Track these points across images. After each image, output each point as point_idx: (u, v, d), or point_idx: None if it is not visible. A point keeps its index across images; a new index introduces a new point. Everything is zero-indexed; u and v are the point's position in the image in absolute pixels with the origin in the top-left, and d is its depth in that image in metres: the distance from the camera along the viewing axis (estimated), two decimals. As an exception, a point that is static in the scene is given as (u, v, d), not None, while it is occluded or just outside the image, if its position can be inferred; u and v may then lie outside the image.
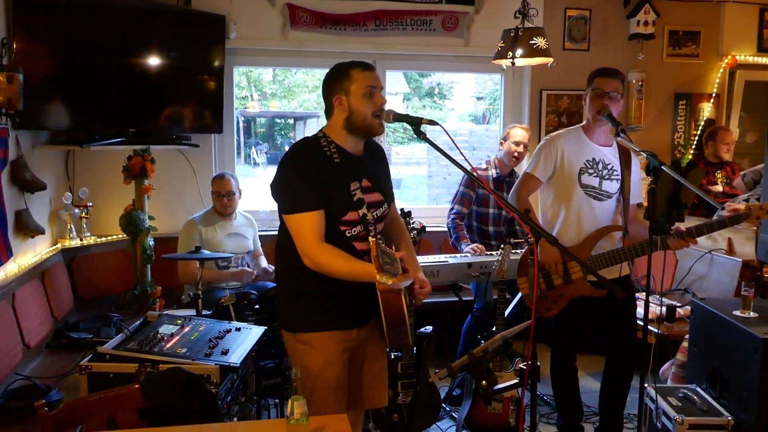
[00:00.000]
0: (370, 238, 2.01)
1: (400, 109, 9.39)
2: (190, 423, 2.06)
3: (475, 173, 2.17)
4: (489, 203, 4.30)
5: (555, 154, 3.21)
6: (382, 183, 2.48)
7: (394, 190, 2.59)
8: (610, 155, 3.22)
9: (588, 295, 3.14)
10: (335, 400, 2.35)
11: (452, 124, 9.74)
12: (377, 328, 2.40)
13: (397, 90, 9.90)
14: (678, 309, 3.89)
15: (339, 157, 2.31)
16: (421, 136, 2.24)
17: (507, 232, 4.37)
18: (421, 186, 9.54)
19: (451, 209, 4.35)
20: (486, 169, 4.36)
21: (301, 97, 10.34)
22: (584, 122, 3.29)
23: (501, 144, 4.37)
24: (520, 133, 4.25)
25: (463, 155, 2.25)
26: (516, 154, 4.26)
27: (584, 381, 3.99)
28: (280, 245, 2.41)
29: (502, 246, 3.57)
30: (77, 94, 3.91)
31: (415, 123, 2.25)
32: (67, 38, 3.82)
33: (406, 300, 2.31)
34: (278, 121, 11.46)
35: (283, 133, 11.28)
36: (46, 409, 1.90)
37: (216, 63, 4.56)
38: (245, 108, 9.98)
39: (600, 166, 3.18)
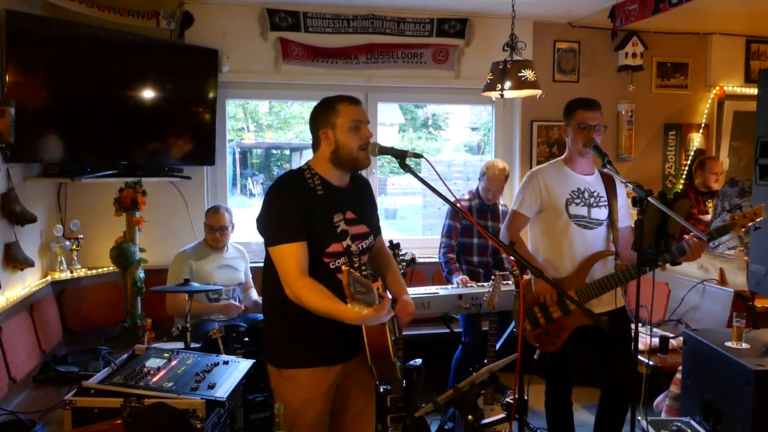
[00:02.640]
0: (343, 267, 2.00)
1: (395, 140, 9.47)
2: (172, 459, 2.03)
3: (458, 204, 2.17)
4: (473, 234, 4.30)
5: (539, 188, 3.21)
6: (368, 215, 2.48)
7: (390, 220, 2.60)
8: (594, 183, 3.23)
9: (590, 323, 3.05)
10: None
11: (447, 155, 9.78)
12: (364, 361, 2.38)
13: (392, 121, 9.96)
14: (671, 340, 3.87)
15: (322, 189, 2.32)
16: (407, 169, 2.24)
17: (494, 263, 4.36)
18: (416, 216, 9.55)
19: (440, 243, 4.37)
20: (469, 200, 4.37)
21: (296, 128, 10.40)
22: (565, 154, 3.29)
23: (479, 179, 4.36)
24: (495, 180, 4.23)
25: (447, 187, 2.25)
26: (490, 195, 4.29)
27: (578, 413, 3.94)
28: (266, 278, 2.41)
29: (492, 277, 3.56)
30: (69, 126, 3.93)
31: (400, 156, 2.25)
32: (60, 71, 3.85)
33: (391, 333, 2.29)
34: (274, 152, 11.51)
35: (279, 163, 11.33)
36: (25, 445, 1.87)
37: (209, 96, 4.60)
38: (241, 139, 10.04)
39: (586, 194, 3.19)
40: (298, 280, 2.20)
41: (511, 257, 2.06)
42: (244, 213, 6.37)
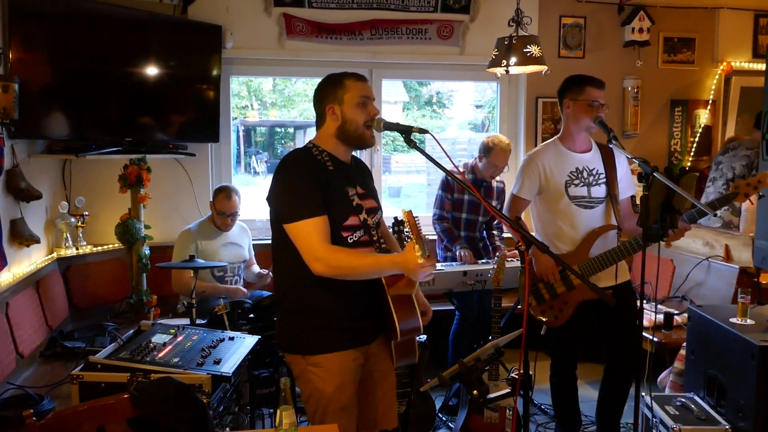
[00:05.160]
0: (404, 211, 2.01)
1: (400, 117, 9.44)
2: (179, 433, 2.05)
3: (448, 179, 2.16)
4: (462, 208, 4.24)
5: (537, 171, 3.19)
6: (373, 192, 2.47)
7: (394, 198, 2.58)
8: (592, 160, 3.20)
9: (593, 298, 3.05)
10: (348, 421, 2.29)
11: (452, 133, 9.74)
12: (383, 344, 2.37)
13: (396, 99, 9.91)
14: (676, 316, 3.88)
15: (332, 165, 2.30)
16: (411, 145, 2.23)
17: (480, 237, 4.35)
18: (420, 194, 9.55)
19: (433, 214, 4.34)
20: (462, 173, 4.25)
21: (300, 106, 10.36)
22: (561, 133, 3.25)
23: (480, 158, 4.23)
24: (502, 156, 4.13)
25: (453, 163, 2.25)
26: (491, 171, 4.20)
27: (582, 389, 3.95)
28: (280, 260, 2.34)
29: (497, 254, 3.56)
30: (74, 103, 3.92)
31: (406, 131, 2.23)
32: (63, 47, 3.83)
33: (417, 307, 2.30)
34: (278, 130, 11.47)
35: (282, 141, 11.30)
36: (34, 419, 1.88)
37: (213, 72, 4.57)
38: (245, 117, 10.01)
39: (585, 174, 3.17)
40: (328, 250, 2.15)
41: (517, 232, 2.05)
42: (248, 191, 6.37)
